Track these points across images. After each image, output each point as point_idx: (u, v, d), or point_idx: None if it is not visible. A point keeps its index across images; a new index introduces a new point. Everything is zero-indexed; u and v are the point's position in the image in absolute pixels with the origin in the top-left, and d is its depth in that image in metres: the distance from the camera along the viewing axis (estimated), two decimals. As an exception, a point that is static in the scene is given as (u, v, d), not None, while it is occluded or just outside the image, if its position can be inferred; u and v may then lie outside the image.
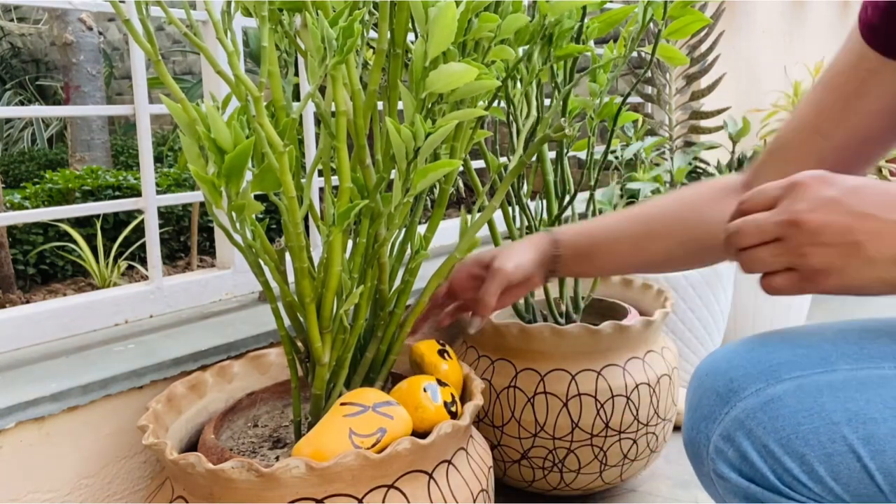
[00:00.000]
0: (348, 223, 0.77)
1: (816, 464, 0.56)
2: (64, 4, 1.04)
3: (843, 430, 0.56)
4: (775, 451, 0.57)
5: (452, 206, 3.29)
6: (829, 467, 0.56)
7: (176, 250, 2.95)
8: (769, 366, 0.61)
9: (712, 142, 2.01)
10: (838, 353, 0.61)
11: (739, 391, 0.61)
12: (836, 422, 0.56)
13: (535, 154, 1.05)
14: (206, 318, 1.13)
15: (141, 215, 1.21)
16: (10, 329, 0.98)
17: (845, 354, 0.61)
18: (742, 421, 0.59)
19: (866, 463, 0.55)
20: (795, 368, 0.60)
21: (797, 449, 0.56)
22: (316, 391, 0.83)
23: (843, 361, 0.60)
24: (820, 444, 0.56)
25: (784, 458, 0.57)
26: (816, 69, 2.68)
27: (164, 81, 0.74)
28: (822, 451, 0.56)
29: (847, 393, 0.57)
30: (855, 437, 0.55)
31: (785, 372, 0.60)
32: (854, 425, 0.56)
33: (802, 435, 0.56)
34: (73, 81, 3.50)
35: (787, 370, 0.60)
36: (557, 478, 1.18)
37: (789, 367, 0.61)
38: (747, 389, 0.61)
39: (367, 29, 0.87)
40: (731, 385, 0.62)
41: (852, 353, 0.61)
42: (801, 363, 0.61)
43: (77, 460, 0.90)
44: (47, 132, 5.35)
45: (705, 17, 1.05)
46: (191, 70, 5.73)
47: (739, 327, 1.90)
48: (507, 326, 1.15)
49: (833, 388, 0.58)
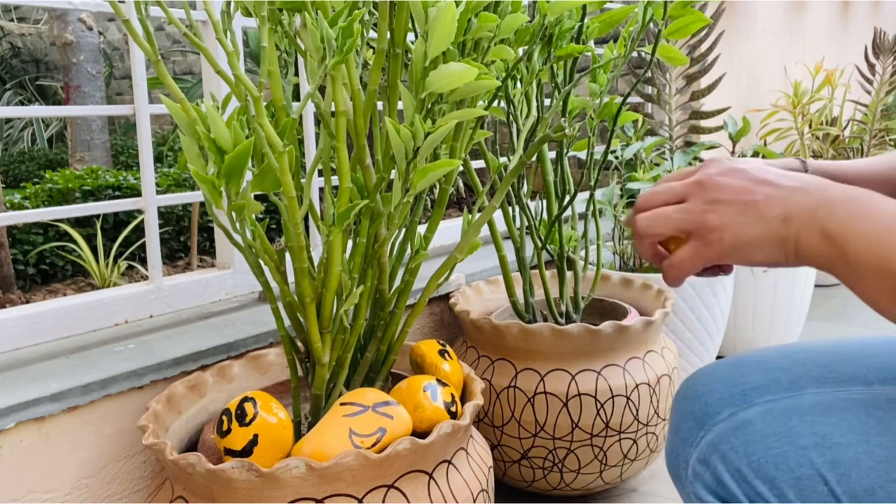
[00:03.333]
0: (348, 223, 0.77)
1: (786, 488, 0.56)
2: (64, 4, 1.04)
3: (810, 454, 0.56)
4: (747, 475, 0.58)
5: (452, 206, 3.29)
6: (798, 491, 0.56)
7: (176, 250, 2.95)
8: (742, 390, 0.62)
9: (712, 142, 2.01)
10: (808, 376, 0.62)
11: (714, 415, 0.62)
12: (804, 446, 0.56)
13: (535, 154, 1.05)
14: (206, 318, 1.13)
15: (141, 215, 1.21)
16: (10, 329, 0.98)
17: (815, 378, 0.61)
18: (716, 445, 0.60)
19: (833, 487, 0.55)
20: (766, 392, 0.61)
21: (767, 473, 0.57)
22: (316, 391, 0.83)
23: (812, 385, 0.61)
24: (789, 468, 0.56)
25: (755, 482, 0.57)
26: (816, 69, 2.68)
27: (164, 81, 0.74)
28: (790, 475, 0.56)
29: (814, 417, 0.58)
30: (822, 462, 0.55)
31: (756, 396, 0.61)
32: (821, 450, 0.56)
33: (772, 459, 0.57)
34: (73, 81, 3.50)
35: (758, 394, 0.61)
36: (557, 478, 1.18)
37: (761, 392, 0.61)
38: (721, 414, 0.61)
39: (367, 29, 0.87)
40: (706, 409, 0.63)
41: (821, 376, 0.61)
42: (771, 387, 0.61)
43: (77, 460, 0.90)
44: (47, 132, 5.35)
45: (705, 17, 1.05)
46: (191, 70, 5.73)
47: (739, 327, 1.90)
48: (507, 326, 1.15)
49: (801, 412, 0.59)
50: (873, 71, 2.70)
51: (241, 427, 0.74)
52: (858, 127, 2.66)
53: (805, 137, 2.63)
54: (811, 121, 2.63)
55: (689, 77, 2.15)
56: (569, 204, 1.22)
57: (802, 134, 2.62)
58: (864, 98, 2.82)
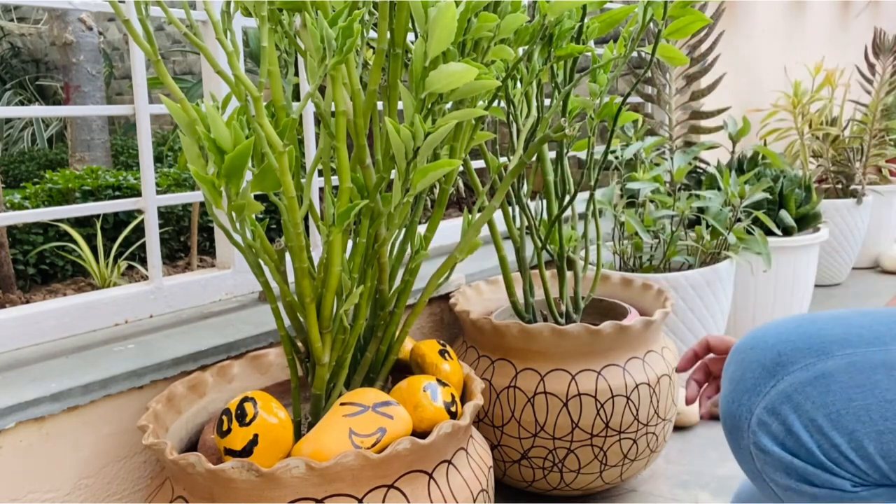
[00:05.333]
0: (348, 223, 0.77)
1: (866, 441, 0.55)
2: (64, 4, 1.04)
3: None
4: (823, 427, 0.56)
5: (452, 206, 3.29)
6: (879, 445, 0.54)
7: (176, 250, 2.95)
8: (820, 341, 0.60)
9: (712, 142, 2.01)
10: (891, 334, 0.59)
11: (788, 365, 0.60)
12: (890, 399, 0.55)
13: (535, 154, 1.05)
14: (206, 318, 1.13)
15: (141, 215, 1.21)
16: (10, 329, 0.98)
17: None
18: (789, 395, 0.58)
19: None
20: (848, 345, 0.59)
21: (847, 425, 0.55)
22: (316, 391, 0.83)
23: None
24: (871, 420, 0.55)
25: (832, 434, 0.56)
26: (816, 69, 2.68)
27: (164, 81, 0.74)
28: (873, 427, 0.55)
29: None
30: None
31: (837, 348, 0.59)
32: None
33: (853, 411, 0.55)
34: (73, 81, 3.50)
35: (839, 346, 0.59)
36: (557, 478, 1.18)
37: (841, 344, 0.59)
38: (796, 364, 0.59)
39: (367, 29, 0.87)
40: (778, 359, 0.60)
41: None
42: (853, 341, 0.59)
43: (77, 460, 0.90)
44: (47, 132, 5.35)
45: (705, 17, 1.05)
46: (191, 70, 5.73)
47: (739, 327, 1.90)
48: (507, 326, 1.15)
49: (887, 366, 0.57)
50: (873, 71, 2.70)
51: (241, 427, 0.74)
52: (858, 127, 2.66)
53: (805, 137, 2.63)
54: (811, 121, 2.63)
55: (689, 77, 2.15)
56: (569, 204, 1.22)
57: (802, 134, 2.62)
58: (864, 98, 2.82)
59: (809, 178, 2.10)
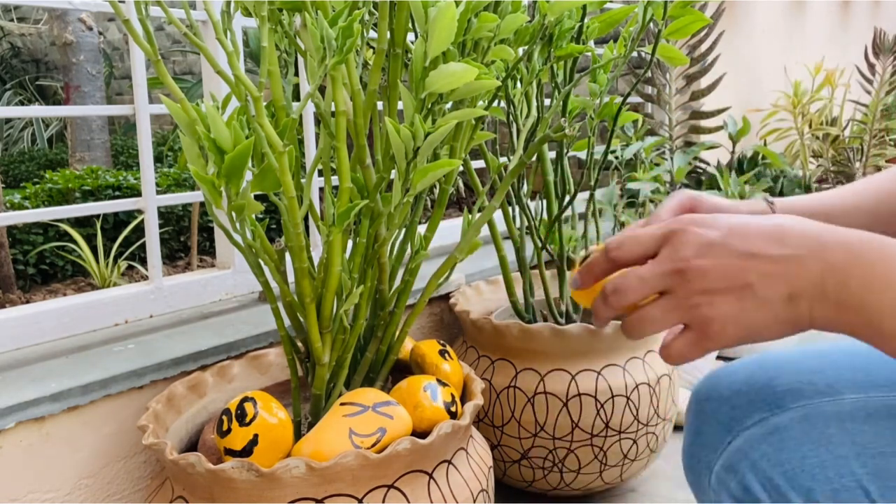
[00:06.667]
0: (348, 223, 0.77)
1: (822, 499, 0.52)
2: (64, 4, 1.04)
3: (851, 464, 0.52)
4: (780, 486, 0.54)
5: (452, 206, 3.29)
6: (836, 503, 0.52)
7: (176, 250, 2.95)
8: (772, 393, 0.59)
9: (712, 142, 2.01)
10: (843, 379, 0.58)
11: (742, 419, 0.58)
12: (844, 455, 0.52)
13: (535, 154, 1.05)
14: (206, 318, 1.13)
15: (141, 215, 1.21)
16: (10, 329, 0.98)
17: (852, 382, 0.58)
18: (746, 452, 0.57)
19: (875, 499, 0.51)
20: (801, 397, 0.57)
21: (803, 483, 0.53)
22: (316, 391, 0.83)
23: (851, 390, 0.57)
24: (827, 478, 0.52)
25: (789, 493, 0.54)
26: (816, 69, 2.68)
27: (164, 81, 0.74)
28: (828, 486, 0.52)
29: (855, 424, 0.54)
30: (863, 472, 0.52)
31: (790, 400, 0.57)
32: (863, 459, 0.52)
33: (808, 469, 0.53)
34: (73, 81, 3.50)
35: (791, 398, 0.57)
36: (557, 478, 1.18)
37: (795, 395, 0.58)
38: (751, 418, 0.58)
39: (367, 29, 0.87)
40: (732, 413, 0.60)
41: (860, 380, 0.58)
42: (805, 391, 0.58)
43: (77, 460, 0.90)
44: (47, 132, 5.35)
45: (705, 17, 1.05)
46: (191, 70, 5.73)
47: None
48: (507, 326, 1.15)
49: (840, 418, 0.55)
50: (873, 71, 2.70)
51: (241, 427, 0.74)
52: (858, 127, 2.66)
53: (805, 137, 2.63)
54: (811, 121, 2.63)
55: (689, 77, 2.15)
56: (569, 204, 1.22)
57: (802, 134, 2.62)
58: (864, 98, 2.82)
59: (809, 178, 2.10)
